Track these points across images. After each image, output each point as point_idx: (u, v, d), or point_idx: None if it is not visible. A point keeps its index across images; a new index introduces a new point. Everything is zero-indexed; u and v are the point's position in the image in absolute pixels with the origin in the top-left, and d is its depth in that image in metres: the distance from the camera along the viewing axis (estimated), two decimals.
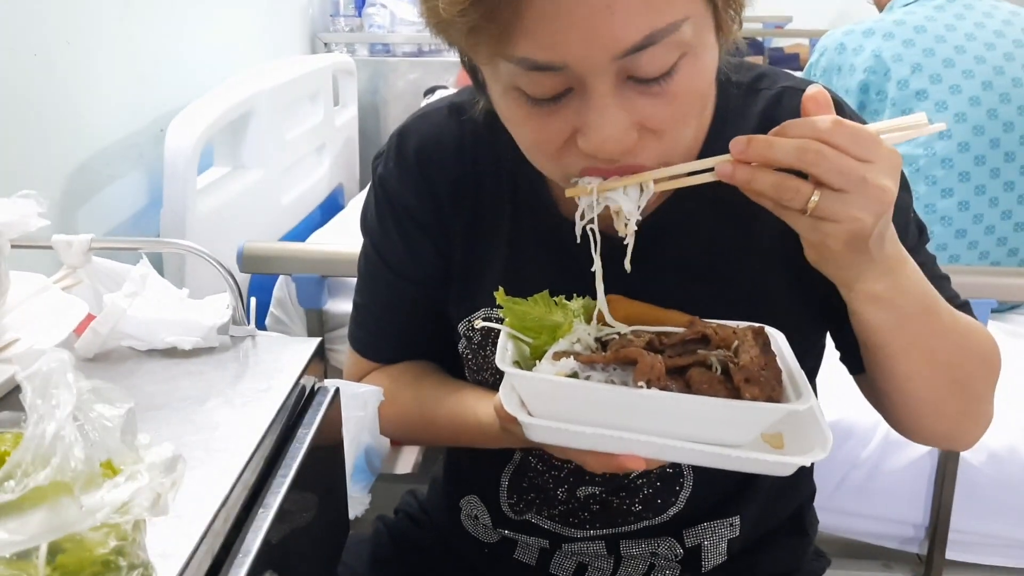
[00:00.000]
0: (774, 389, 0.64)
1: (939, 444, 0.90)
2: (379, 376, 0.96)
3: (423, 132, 0.90)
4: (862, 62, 1.73)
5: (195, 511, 0.58)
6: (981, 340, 0.81)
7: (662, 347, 0.69)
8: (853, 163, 0.62)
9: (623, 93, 0.66)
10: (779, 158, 0.63)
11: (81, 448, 0.42)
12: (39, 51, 1.40)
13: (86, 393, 0.47)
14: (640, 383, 0.64)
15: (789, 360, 0.70)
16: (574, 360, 0.67)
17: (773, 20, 4.28)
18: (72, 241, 0.83)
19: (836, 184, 0.62)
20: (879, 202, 0.63)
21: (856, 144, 0.63)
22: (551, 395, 0.66)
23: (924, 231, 0.87)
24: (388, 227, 0.91)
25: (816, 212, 0.63)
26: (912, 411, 0.81)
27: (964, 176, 1.66)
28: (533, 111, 0.69)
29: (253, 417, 0.71)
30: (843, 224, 0.64)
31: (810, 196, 0.63)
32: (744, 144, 0.65)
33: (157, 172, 1.69)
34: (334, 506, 0.85)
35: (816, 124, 0.63)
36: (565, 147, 0.70)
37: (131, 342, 0.81)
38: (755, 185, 0.64)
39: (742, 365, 0.65)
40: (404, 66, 2.87)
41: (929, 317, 0.74)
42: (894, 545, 1.47)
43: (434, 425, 0.90)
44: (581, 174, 0.71)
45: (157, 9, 1.76)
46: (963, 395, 0.80)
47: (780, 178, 0.63)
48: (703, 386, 0.64)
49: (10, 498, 0.39)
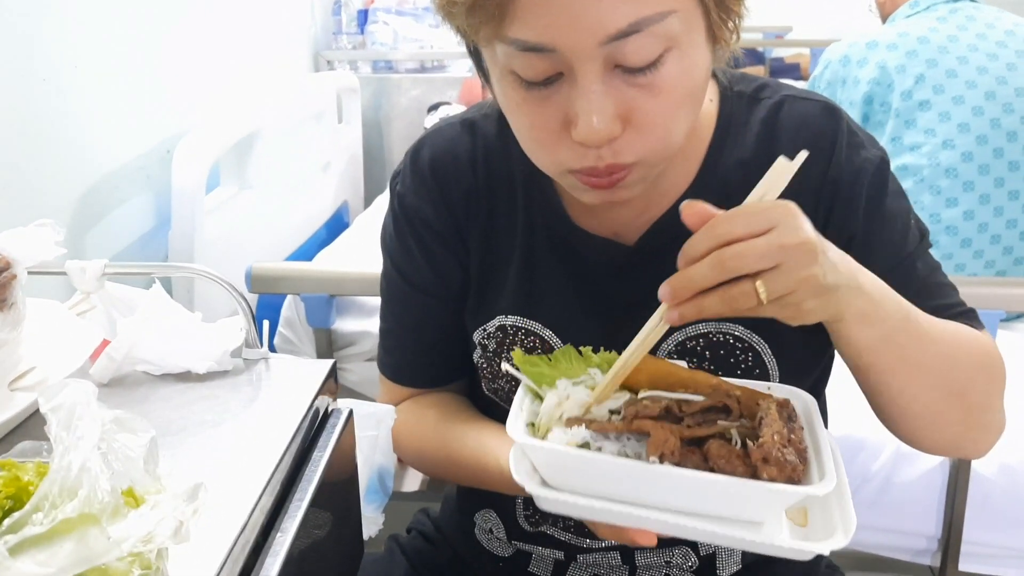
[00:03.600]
0: (795, 469, 0.61)
1: (948, 453, 0.89)
2: (405, 414, 0.96)
3: (437, 145, 0.91)
4: (866, 74, 1.74)
5: (214, 537, 0.58)
6: (975, 348, 0.81)
7: (681, 415, 0.66)
8: (763, 241, 0.62)
9: (610, 81, 0.68)
10: (704, 282, 0.63)
11: (107, 479, 0.42)
12: (48, 76, 1.41)
13: (109, 423, 0.47)
14: (653, 458, 0.62)
15: (819, 432, 0.67)
16: (586, 429, 0.65)
17: (773, 30, 4.30)
18: (86, 267, 0.83)
19: (767, 266, 0.62)
20: (808, 251, 0.63)
21: (751, 224, 0.63)
22: (561, 465, 0.65)
23: (926, 235, 0.87)
24: (408, 244, 0.92)
25: (771, 296, 0.63)
26: (911, 423, 0.81)
27: (968, 185, 1.67)
28: (527, 96, 0.71)
29: (269, 441, 0.71)
30: (799, 289, 0.64)
31: (756, 289, 0.63)
32: (668, 288, 0.65)
33: (164, 194, 1.70)
34: (349, 527, 0.85)
35: (710, 234, 0.63)
36: (558, 138, 0.72)
37: (145, 367, 0.82)
38: (707, 311, 0.64)
39: (762, 442, 0.62)
40: (407, 83, 2.88)
41: (913, 325, 0.75)
42: (907, 558, 1.46)
43: (457, 466, 0.90)
44: (578, 176, 0.73)
45: (161, 31, 1.77)
46: (960, 404, 0.79)
47: (722, 293, 0.63)
48: (720, 461, 0.62)
49: (39, 531, 0.39)
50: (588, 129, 0.68)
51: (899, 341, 0.74)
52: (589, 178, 0.73)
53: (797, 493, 0.60)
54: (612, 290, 0.86)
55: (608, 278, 0.86)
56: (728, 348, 0.83)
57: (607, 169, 0.72)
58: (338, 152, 2.47)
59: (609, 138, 0.69)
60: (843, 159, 0.81)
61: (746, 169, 0.82)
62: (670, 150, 0.74)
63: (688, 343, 0.83)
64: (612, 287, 0.86)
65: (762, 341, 0.83)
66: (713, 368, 0.83)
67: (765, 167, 0.82)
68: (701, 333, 0.83)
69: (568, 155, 0.72)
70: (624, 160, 0.71)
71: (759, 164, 0.82)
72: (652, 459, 0.62)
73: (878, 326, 0.72)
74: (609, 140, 0.69)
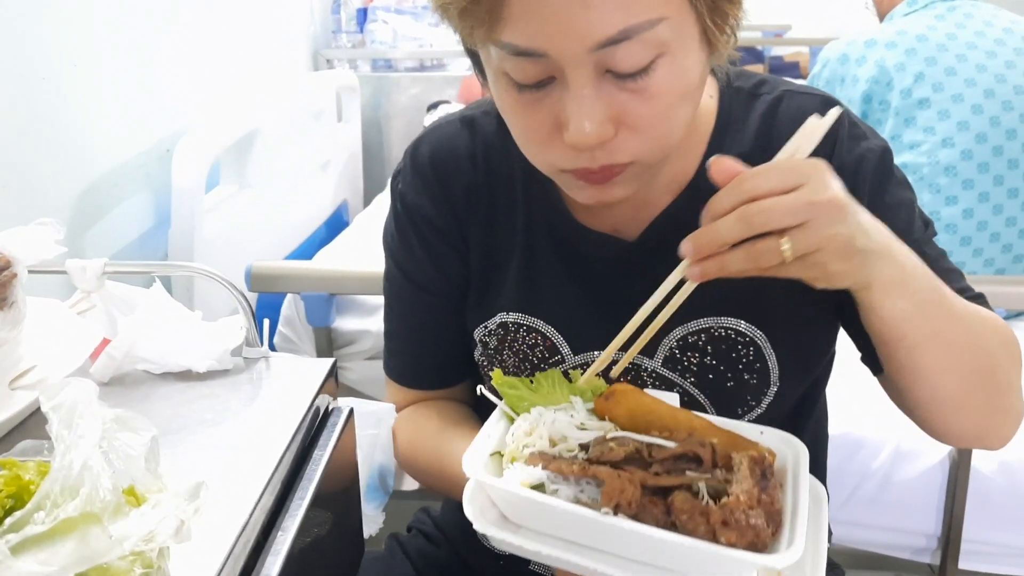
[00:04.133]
0: (759, 534, 0.58)
1: (970, 443, 0.87)
2: (404, 422, 0.97)
3: (436, 142, 0.91)
4: (865, 72, 1.74)
5: (215, 536, 0.58)
6: (999, 327, 0.80)
7: (650, 460, 0.64)
8: (791, 197, 0.63)
9: (601, 86, 0.68)
10: (730, 237, 0.64)
11: (109, 478, 0.42)
12: (47, 75, 1.41)
13: (110, 422, 0.47)
14: (606, 508, 0.60)
15: (801, 489, 0.64)
16: (542, 469, 0.64)
17: (772, 28, 4.30)
18: (86, 266, 0.83)
19: (793, 222, 0.63)
20: (838, 209, 0.64)
21: (781, 180, 0.63)
22: (515, 506, 0.64)
23: (930, 224, 0.87)
24: (410, 242, 0.92)
25: (796, 253, 0.63)
26: (939, 408, 0.79)
27: (968, 184, 1.67)
28: (520, 98, 0.71)
29: (269, 440, 0.71)
30: (826, 247, 0.64)
31: (782, 246, 0.63)
32: (692, 244, 0.65)
33: (164, 192, 1.70)
34: (349, 526, 0.85)
35: (737, 189, 0.64)
36: (550, 139, 0.72)
37: (146, 366, 0.82)
38: (729, 268, 0.64)
39: (724, 503, 0.59)
40: (406, 81, 2.88)
41: (943, 299, 0.74)
42: (907, 556, 1.47)
43: (450, 482, 0.90)
44: (572, 174, 0.73)
45: (160, 30, 1.77)
46: (989, 385, 0.78)
47: (747, 249, 0.64)
48: (683, 516, 0.59)
49: (41, 529, 0.39)
50: (579, 134, 0.68)
51: (930, 315, 0.72)
52: (584, 176, 0.73)
53: (753, 563, 0.57)
54: (613, 286, 0.86)
55: (609, 274, 0.86)
56: (730, 343, 0.83)
57: (601, 170, 0.72)
58: (337, 151, 2.47)
59: (600, 142, 0.69)
60: (844, 150, 0.81)
61: (745, 164, 0.82)
62: (666, 149, 0.74)
63: (690, 338, 0.83)
64: (613, 283, 0.86)
65: (764, 336, 0.83)
66: (715, 363, 0.83)
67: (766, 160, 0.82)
68: (703, 328, 0.83)
69: (561, 156, 0.72)
70: (619, 160, 0.71)
71: (760, 157, 0.82)
72: (605, 510, 0.60)
73: (909, 297, 0.71)
74: (600, 143, 0.69)
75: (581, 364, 0.87)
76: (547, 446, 0.67)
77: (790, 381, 0.84)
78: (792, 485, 0.65)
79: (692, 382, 0.84)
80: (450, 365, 0.96)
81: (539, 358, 0.88)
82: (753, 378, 0.84)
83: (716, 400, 0.85)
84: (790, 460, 0.68)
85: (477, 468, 0.65)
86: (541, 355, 0.87)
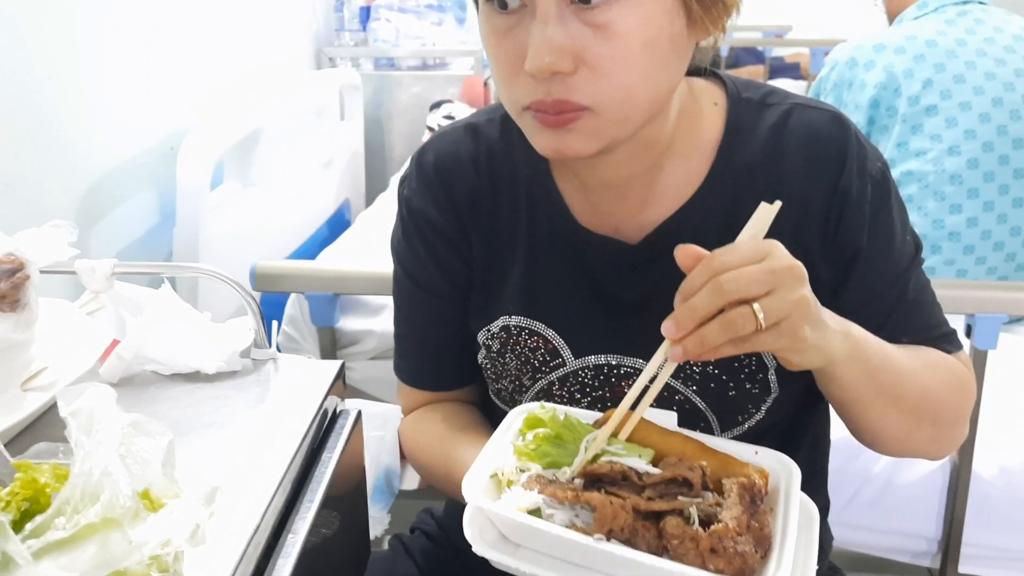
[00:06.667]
0: (746, 561, 0.60)
1: (914, 457, 0.94)
2: (414, 423, 0.97)
3: (441, 149, 0.93)
4: (873, 77, 1.73)
5: (227, 539, 0.58)
6: (952, 369, 0.86)
7: (643, 484, 0.66)
8: (757, 268, 0.65)
9: (565, 16, 0.71)
10: (705, 310, 0.65)
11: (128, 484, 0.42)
12: (51, 74, 1.41)
13: (127, 427, 0.47)
14: (599, 534, 0.61)
15: (791, 511, 0.66)
16: (539, 494, 0.65)
17: (773, 29, 4.30)
18: (95, 266, 0.83)
19: (761, 290, 0.65)
20: (799, 277, 0.67)
21: (745, 255, 0.66)
22: (510, 529, 0.66)
23: (920, 250, 0.89)
24: (416, 248, 0.93)
25: (769, 320, 0.65)
26: (883, 442, 0.86)
27: (973, 192, 1.67)
28: (498, 25, 0.74)
29: (279, 442, 0.71)
30: (795, 312, 0.66)
31: (754, 313, 0.65)
32: (672, 322, 0.66)
33: (168, 190, 1.70)
34: (356, 527, 0.86)
35: (707, 267, 0.66)
36: (515, 70, 0.74)
37: (155, 367, 0.82)
38: (709, 341, 0.66)
39: (713, 530, 0.61)
40: (408, 80, 2.88)
41: (892, 362, 0.79)
42: (907, 559, 1.47)
43: (457, 488, 0.91)
44: (532, 112, 0.74)
45: (163, 28, 1.77)
46: (932, 426, 0.84)
47: (721, 320, 0.65)
48: (674, 541, 0.61)
49: (62, 535, 0.39)
50: (537, 58, 0.70)
51: (880, 378, 0.78)
52: (540, 114, 0.74)
53: None
54: (615, 290, 0.86)
55: (611, 278, 0.86)
56: None
57: (554, 105, 0.73)
58: (340, 149, 2.47)
59: (553, 69, 0.70)
60: (854, 170, 0.82)
61: (754, 173, 0.83)
62: (627, 106, 0.74)
63: None
64: (615, 287, 0.86)
65: None
66: (717, 372, 0.84)
67: (775, 172, 0.83)
68: None
69: (524, 89, 0.74)
70: (575, 99, 0.72)
71: (768, 169, 0.83)
72: (598, 535, 0.61)
73: (863, 364, 0.76)
74: (554, 72, 0.71)
75: (582, 368, 0.87)
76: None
77: (789, 388, 0.85)
78: (783, 506, 0.67)
79: (694, 390, 0.85)
80: (458, 367, 0.97)
81: (540, 361, 0.88)
82: (755, 387, 0.84)
83: (717, 408, 0.85)
84: (783, 480, 0.70)
85: (476, 493, 0.67)
86: (542, 358, 0.88)
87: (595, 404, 0.88)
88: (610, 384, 0.87)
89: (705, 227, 0.83)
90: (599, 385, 0.87)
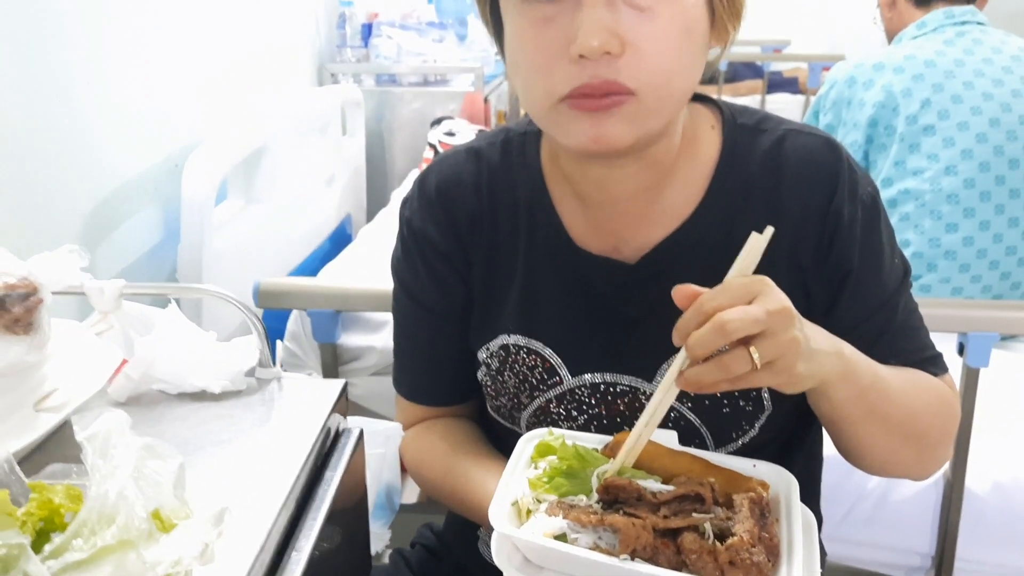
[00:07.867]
0: (761, 570, 0.64)
1: (896, 477, 1.00)
2: (416, 440, 0.99)
3: (443, 171, 0.95)
4: (872, 97, 1.75)
5: (234, 557, 0.59)
6: (938, 392, 0.88)
7: (657, 503, 0.69)
8: (750, 308, 0.67)
9: (612, 1, 0.73)
10: (704, 352, 0.67)
11: (142, 506, 0.44)
12: (57, 92, 1.43)
13: (140, 450, 0.49)
14: (624, 555, 0.65)
15: (794, 520, 0.69)
16: (563, 519, 0.68)
17: (771, 44, 4.33)
18: (104, 287, 0.85)
19: (756, 331, 0.67)
20: (790, 317, 0.68)
21: (737, 295, 0.67)
22: (539, 554, 0.68)
23: (908, 273, 0.91)
24: (416, 267, 0.95)
25: (764, 360, 0.67)
26: (869, 461, 0.88)
27: (969, 212, 1.68)
28: (537, 16, 0.76)
29: (283, 461, 0.73)
30: (788, 351, 0.68)
31: (750, 355, 0.67)
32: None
33: (172, 207, 1.72)
34: (359, 543, 0.88)
35: (702, 308, 0.68)
36: (556, 59, 0.75)
37: (162, 386, 0.84)
38: (705, 379, 0.68)
39: (730, 543, 0.64)
40: (410, 96, 2.91)
41: (882, 382, 0.81)
42: (901, 574, 1.48)
43: (461, 504, 0.93)
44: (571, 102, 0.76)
45: (168, 44, 1.79)
46: (917, 446, 0.86)
47: (717, 361, 0.67)
48: (692, 556, 0.64)
49: (80, 556, 0.41)
50: (588, 39, 0.72)
51: (870, 397, 0.80)
52: (582, 100, 0.75)
53: None
54: (612, 309, 0.88)
55: (608, 297, 0.88)
56: None
57: (603, 86, 0.74)
58: (342, 165, 2.49)
59: (605, 49, 0.72)
60: (846, 194, 0.85)
61: (750, 194, 0.85)
62: (665, 92, 0.76)
63: None
64: (612, 306, 0.88)
65: None
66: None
67: (770, 195, 0.85)
68: None
69: (564, 76, 0.75)
70: (621, 79, 0.74)
71: (764, 190, 0.85)
72: (624, 556, 0.65)
73: (854, 384, 0.78)
74: (605, 53, 0.73)
75: (579, 386, 0.89)
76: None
77: (782, 406, 0.87)
78: (786, 516, 0.70)
79: (689, 407, 0.87)
80: (456, 383, 0.99)
81: (538, 379, 0.90)
82: (748, 404, 0.86)
83: (711, 425, 0.87)
84: (783, 491, 0.73)
85: (503, 520, 0.69)
86: (540, 376, 0.90)
87: (592, 422, 0.90)
88: (606, 402, 0.89)
89: (702, 247, 0.86)
90: (596, 403, 0.89)
